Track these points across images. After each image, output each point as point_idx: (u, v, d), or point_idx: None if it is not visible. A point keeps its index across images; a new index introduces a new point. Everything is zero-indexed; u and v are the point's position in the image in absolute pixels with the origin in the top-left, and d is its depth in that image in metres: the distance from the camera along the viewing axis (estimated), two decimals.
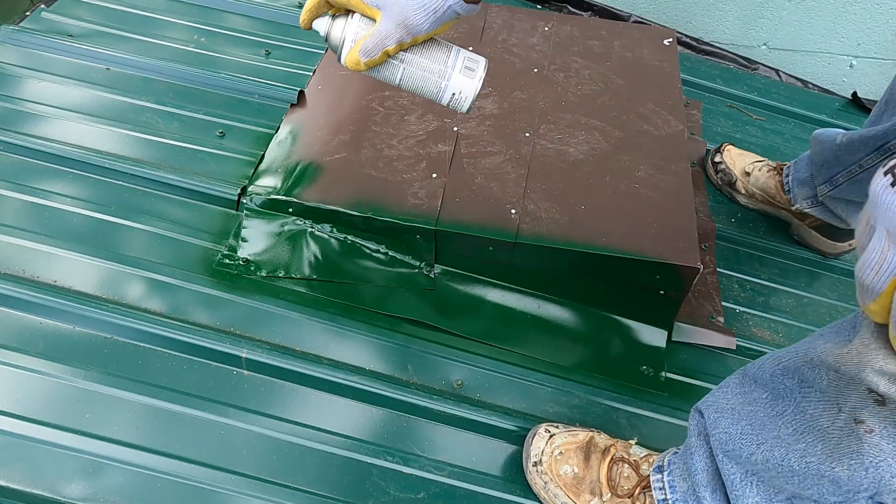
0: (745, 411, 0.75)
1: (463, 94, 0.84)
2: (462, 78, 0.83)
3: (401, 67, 0.82)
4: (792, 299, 1.30)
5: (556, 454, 0.92)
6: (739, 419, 0.75)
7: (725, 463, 0.77)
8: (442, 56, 0.83)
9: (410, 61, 0.82)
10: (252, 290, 1.07)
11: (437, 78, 0.83)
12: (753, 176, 1.41)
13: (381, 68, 0.82)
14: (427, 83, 0.83)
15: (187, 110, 1.29)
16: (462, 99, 0.84)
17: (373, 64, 0.80)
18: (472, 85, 0.83)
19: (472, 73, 0.83)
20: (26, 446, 0.88)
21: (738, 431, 0.74)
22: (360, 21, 0.79)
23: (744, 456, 0.74)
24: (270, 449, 0.93)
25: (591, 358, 1.10)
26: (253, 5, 1.54)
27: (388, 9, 0.76)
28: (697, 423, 0.83)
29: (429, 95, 0.85)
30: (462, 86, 0.83)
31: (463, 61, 0.83)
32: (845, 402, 0.61)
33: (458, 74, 0.82)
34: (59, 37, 1.37)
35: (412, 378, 1.03)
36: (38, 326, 0.99)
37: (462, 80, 0.83)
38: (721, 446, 0.77)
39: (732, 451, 0.75)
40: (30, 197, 1.13)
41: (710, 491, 0.80)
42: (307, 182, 1.13)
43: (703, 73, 1.84)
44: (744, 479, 0.75)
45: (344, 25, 0.80)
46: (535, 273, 1.11)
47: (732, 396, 0.78)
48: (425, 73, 0.83)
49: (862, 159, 1.18)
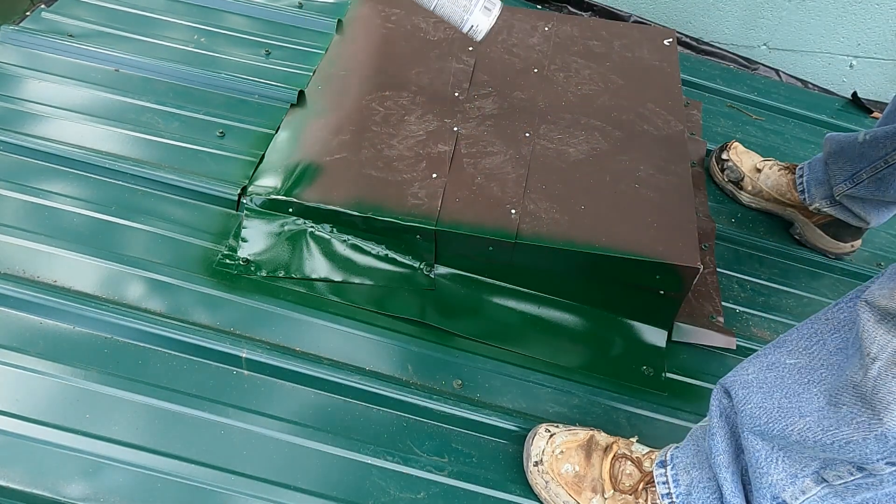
0: (777, 384, 0.75)
1: (480, 27, 1.07)
2: (480, 15, 1.06)
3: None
4: (792, 299, 1.30)
5: (556, 453, 0.92)
6: (772, 393, 0.75)
7: (751, 440, 0.77)
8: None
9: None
10: (252, 290, 1.07)
11: (462, 11, 1.06)
12: (764, 173, 1.42)
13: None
14: (454, 13, 1.06)
15: (187, 110, 1.29)
16: (478, 31, 1.07)
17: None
18: (488, 21, 1.07)
19: (489, 13, 1.06)
20: (26, 446, 0.88)
21: (773, 406, 0.74)
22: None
23: (775, 431, 0.73)
24: (270, 449, 0.93)
25: (591, 358, 1.10)
26: (253, 5, 1.54)
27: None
28: (720, 403, 0.82)
29: (452, 22, 1.08)
30: (479, 21, 1.06)
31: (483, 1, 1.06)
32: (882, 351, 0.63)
33: (478, 11, 1.06)
34: (60, 37, 1.37)
35: (412, 378, 1.03)
36: (38, 326, 0.99)
37: (480, 17, 1.06)
38: (750, 423, 0.76)
39: (763, 427, 0.75)
40: (30, 197, 1.13)
41: (730, 473, 0.80)
42: (307, 182, 1.13)
43: (703, 73, 1.84)
44: (769, 455, 0.75)
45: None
46: (535, 273, 1.11)
47: (761, 371, 0.78)
48: (453, 6, 1.06)
49: (888, 154, 1.20)
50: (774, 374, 0.76)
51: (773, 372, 0.76)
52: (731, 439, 0.81)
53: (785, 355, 0.76)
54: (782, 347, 0.77)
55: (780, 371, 0.75)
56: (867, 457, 0.66)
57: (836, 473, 0.71)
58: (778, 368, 0.76)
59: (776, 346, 0.78)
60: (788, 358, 0.75)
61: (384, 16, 1.45)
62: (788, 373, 0.74)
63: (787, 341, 0.77)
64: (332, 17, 1.50)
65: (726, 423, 0.81)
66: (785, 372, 0.75)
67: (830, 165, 1.30)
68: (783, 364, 0.76)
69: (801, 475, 0.74)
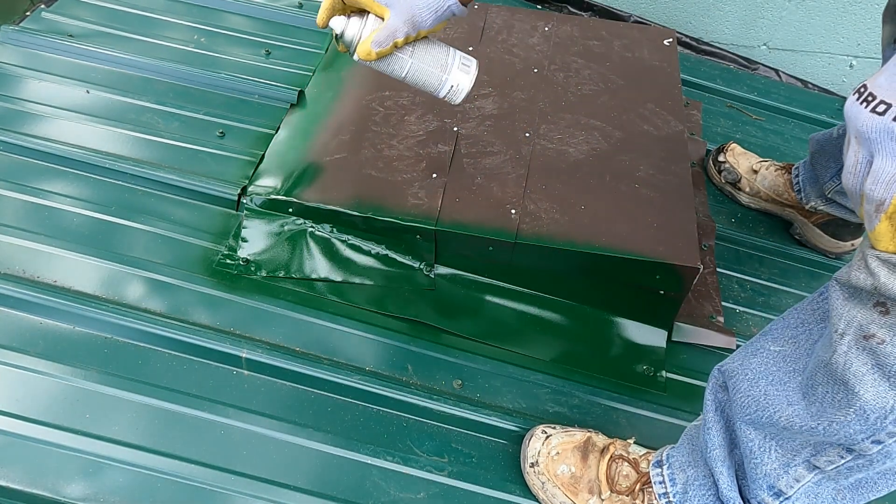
0: (762, 371, 0.75)
1: (460, 87, 0.96)
2: (459, 73, 0.95)
3: (409, 61, 0.93)
4: (792, 299, 1.30)
5: (552, 454, 0.92)
6: (758, 380, 0.75)
7: (745, 431, 0.77)
8: (442, 53, 0.94)
9: (416, 55, 0.93)
10: (252, 290, 1.07)
11: (439, 71, 0.94)
12: (761, 174, 1.42)
13: (391, 61, 0.92)
14: (430, 76, 0.94)
15: (187, 110, 1.29)
16: (458, 91, 0.96)
17: (383, 54, 0.90)
18: (468, 79, 0.95)
19: (467, 70, 0.95)
20: (26, 446, 0.88)
21: (759, 393, 0.75)
22: (373, 19, 0.90)
23: (764, 419, 0.74)
24: (270, 449, 0.93)
25: (590, 358, 1.10)
26: (253, 5, 1.54)
27: (397, 6, 0.87)
28: (716, 397, 0.83)
29: (429, 87, 0.96)
30: (459, 80, 0.95)
31: (459, 59, 0.95)
32: (849, 327, 0.64)
33: (456, 70, 0.95)
34: (59, 37, 1.37)
35: (412, 378, 1.03)
36: (38, 326, 0.99)
37: (459, 75, 0.95)
38: (741, 412, 0.77)
39: (753, 416, 0.75)
40: (30, 197, 1.13)
41: (725, 467, 0.81)
42: (307, 182, 1.13)
43: (703, 73, 1.83)
44: (762, 444, 0.76)
45: (359, 23, 0.90)
46: (534, 273, 1.11)
47: (746, 358, 0.78)
48: (429, 67, 0.94)
49: None
50: (758, 360, 0.77)
51: (756, 358, 0.77)
52: (726, 433, 0.81)
53: (770, 342, 0.77)
54: (767, 335, 0.78)
55: (765, 357, 0.76)
56: (852, 437, 0.66)
57: (828, 459, 0.72)
58: (762, 354, 0.77)
59: (762, 335, 0.79)
60: (773, 345, 0.76)
61: None
62: (773, 360, 0.75)
63: (773, 329, 0.78)
64: None
65: (721, 416, 0.81)
66: (770, 359, 0.76)
67: (816, 165, 1.31)
68: (767, 351, 0.76)
69: (793, 463, 0.74)
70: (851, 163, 0.57)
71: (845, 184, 0.59)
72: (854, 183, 0.58)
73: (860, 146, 0.56)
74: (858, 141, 0.56)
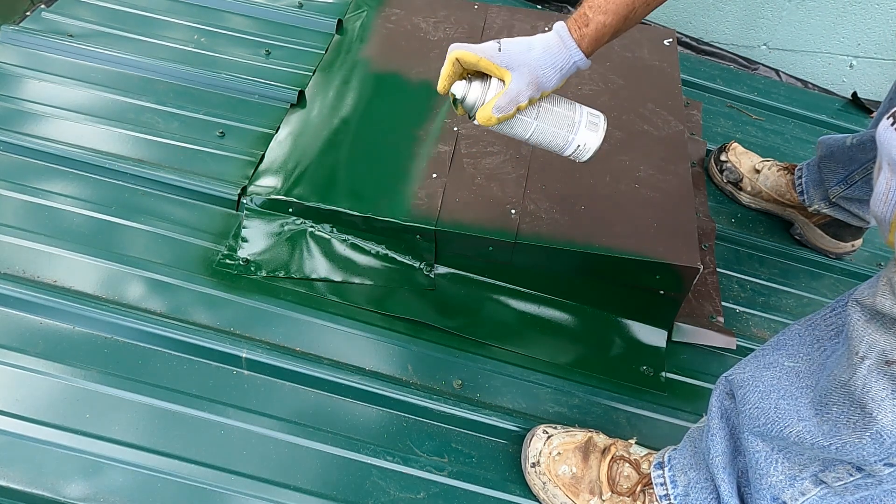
0: (774, 385, 0.75)
1: (587, 146, 0.89)
2: (587, 132, 0.88)
3: (533, 124, 0.87)
4: (792, 299, 1.30)
5: (553, 455, 0.92)
6: (769, 393, 0.75)
7: (752, 441, 0.77)
8: (569, 111, 0.88)
9: (541, 117, 0.87)
10: (252, 290, 1.07)
11: (566, 132, 0.88)
12: (763, 174, 1.42)
13: (513, 124, 0.87)
14: (556, 137, 0.88)
15: (187, 110, 1.29)
16: (586, 150, 0.89)
17: (505, 119, 0.84)
18: (596, 138, 0.88)
19: (595, 127, 0.88)
20: (26, 446, 0.88)
21: (770, 406, 0.74)
22: (496, 83, 0.84)
23: (774, 432, 0.73)
24: (270, 449, 0.93)
25: (591, 358, 1.10)
26: (253, 5, 1.54)
27: (518, 69, 0.81)
28: (722, 404, 0.82)
29: (553, 147, 0.90)
30: (587, 139, 0.88)
31: (587, 116, 0.88)
32: (870, 351, 0.63)
33: (584, 129, 0.88)
34: (59, 37, 1.37)
35: (412, 378, 1.03)
36: (38, 326, 0.99)
37: (587, 134, 0.88)
38: (749, 423, 0.76)
39: (762, 428, 0.75)
40: (30, 197, 1.13)
41: (727, 474, 0.80)
42: (307, 182, 1.13)
43: (703, 73, 1.83)
44: (769, 456, 0.75)
45: (481, 87, 0.85)
46: (534, 273, 1.11)
47: (758, 370, 0.78)
48: (555, 129, 0.88)
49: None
50: (771, 373, 0.76)
51: (769, 371, 0.76)
52: (729, 440, 0.81)
53: (784, 357, 0.76)
54: (782, 349, 0.77)
55: (777, 371, 0.76)
56: (865, 458, 0.66)
57: (836, 475, 0.71)
58: (775, 368, 0.76)
59: (775, 348, 0.78)
60: (787, 360, 0.75)
61: (384, 16, 1.45)
62: (786, 375, 0.74)
63: (787, 344, 0.77)
64: (332, 17, 1.50)
65: (726, 424, 0.81)
66: (783, 374, 0.75)
67: (823, 169, 1.31)
68: (781, 365, 0.76)
69: (800, 477, 0.74)
70: (882, 190, 0.55)
71: (874, 211, 0.57)
72: (884, 211, 0.56)
73: (892, 174, 0.54)
74: (891, 168, 0.54)
